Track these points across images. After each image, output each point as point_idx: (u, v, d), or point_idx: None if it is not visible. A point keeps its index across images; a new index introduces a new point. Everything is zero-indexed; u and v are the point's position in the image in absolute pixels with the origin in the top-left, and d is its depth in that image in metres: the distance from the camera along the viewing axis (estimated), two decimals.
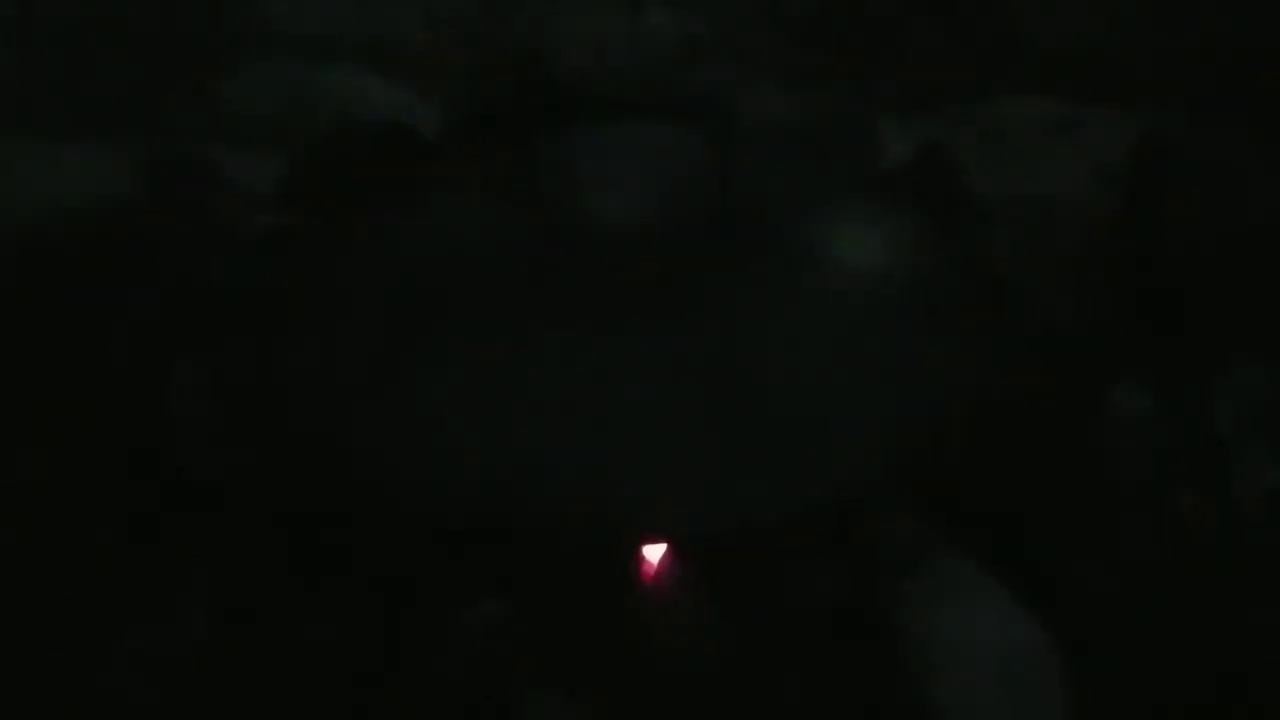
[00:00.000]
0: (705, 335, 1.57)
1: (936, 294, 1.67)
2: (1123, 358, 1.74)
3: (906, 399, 1.56)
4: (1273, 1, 2.42)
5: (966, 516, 1.56)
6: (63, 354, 1.68)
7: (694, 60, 2.42)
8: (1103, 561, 1.54)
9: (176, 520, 1.54)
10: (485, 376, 1.54)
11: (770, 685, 1.43)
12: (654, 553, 1.50)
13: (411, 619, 1.47)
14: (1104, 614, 1.49)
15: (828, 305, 1.63)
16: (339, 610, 1.47)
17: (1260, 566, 1.53)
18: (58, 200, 1.86)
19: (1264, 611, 1.49)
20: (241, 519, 1.54)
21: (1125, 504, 1.59)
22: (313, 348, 1.62)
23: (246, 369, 1.64)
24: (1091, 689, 1.42)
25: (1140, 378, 1.70)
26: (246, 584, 1.50)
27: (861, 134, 2.06)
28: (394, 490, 1.50)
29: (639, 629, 1.47)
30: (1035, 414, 1.65)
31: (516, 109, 2.04)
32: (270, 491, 1.55)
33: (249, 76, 2.31)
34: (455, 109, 2.10)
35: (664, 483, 1.47)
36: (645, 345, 1.55)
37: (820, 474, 1.50)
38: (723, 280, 1.62)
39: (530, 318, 1.58)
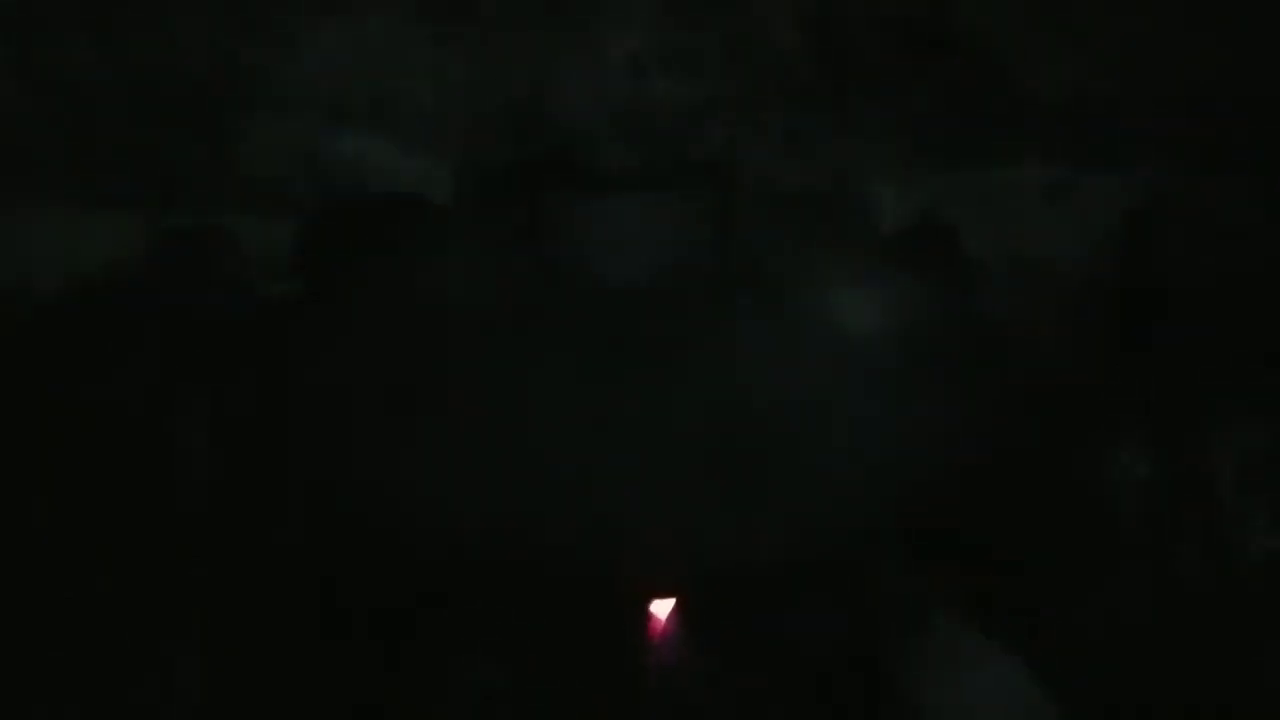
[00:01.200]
0: (707, 393, 1.59)
1: (935, 354, 1.69)
2: (1122, 416, 1.75)
3: (905, 456, 1.57)
4: (1268, 53, 2.45)
5: (965, 572, 1.57)
6: (74, 417, 1.70)
7: (696, 124, 2.45)
8: (1102, 618, 1.54)
9: (175, 572, 1.55)
10: (489, 433, 1.55)
11: None
12: (662, 609, 1.51)
13: (411, 678, 1.47)
14: (1103, 671, 1.50)
15: (828, 364, 1.65)
16: (338, 668, 1.47)
17: (1259, 626, 1.54)
18: (68, 266, 1.88)
19: (1263, 669, 1.50)
20: (246, 568, 1.54)
21: (1125, 562, 1.60)
22: (321, 405, 1.63)
23: (254, 427, 1.65)
24: None
25: (1140, 436, 1.72)
26: (244, 634, 1.50)
27: (861, 198, 2.09)
28: (395, 544, 1.51)
29: (643, 686, 1.48)
30: (1033, 472, 1.66)
31: (522, 173, 2.07)
32: (272, 545, 1.56)
33: (259, 140, 2.33)
34: (463, 173, 2.12)
35: (668, 535, 1.48)
36: (648, 403, 1.57)
37: (819, 529, 1.51)
38: (725, 339, 1.64)
39: (534, 378, 1.60)
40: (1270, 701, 1.47)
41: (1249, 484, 1.66)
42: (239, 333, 1.78)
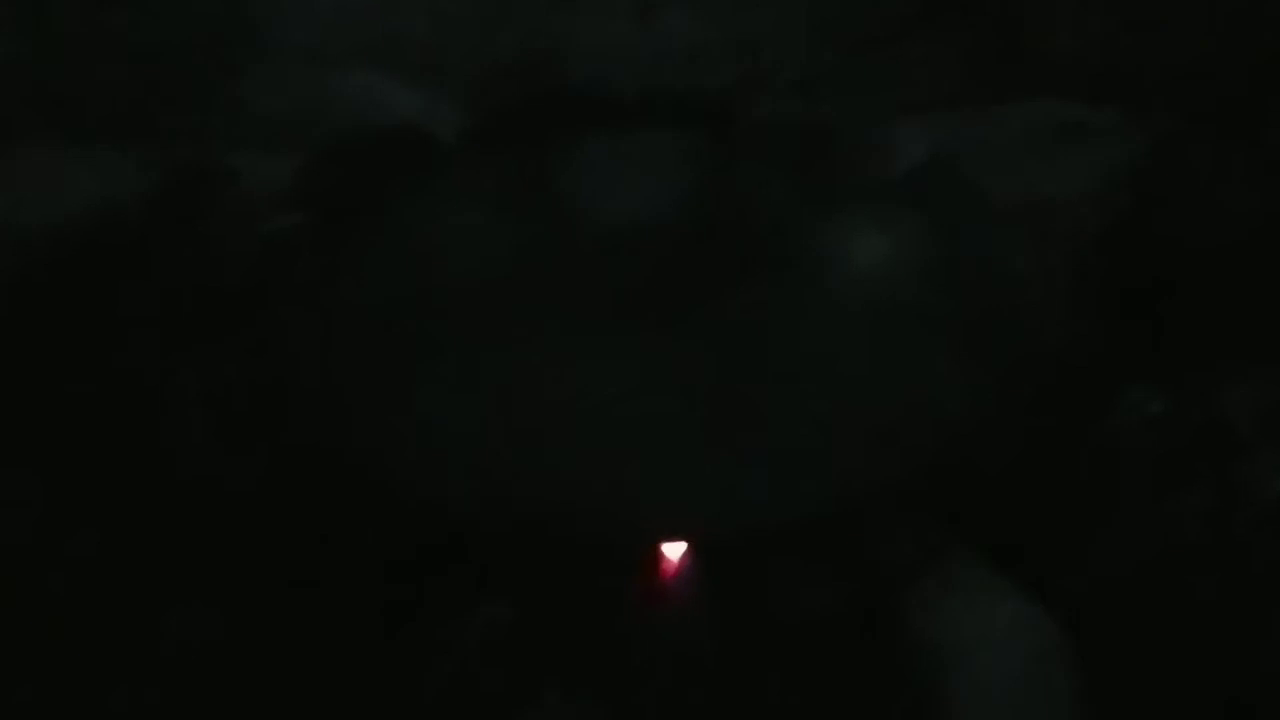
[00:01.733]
0: (712, 338, 1.58)
1: (944, 298, 1.68)
2: (1132, 360, 1.74)
3: (914, 402, 1.57)
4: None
5: (975, 518, 1.57)
6: (70, 356, 1.69)
7: (703, 65, 2.43)
8: (1112, 561, 1.54)
9: (176, 523, 1.55)
10: (493, 378, 1.55)
11: (780, 686, 1.44)
12: (673, 551, 1.50)
13: (416, 623, 1.47)
14: (1114, 613, 1.50)
15: (835, 310, 1.64)
16: (341, 614, 1.48)
17: (1270, 569, 1.53)
18: (69, 205, 1.87)
19: (1273, 613, 1.50)
20: (242, 521, 1.54)
21: (1134, 504, 1.59)
22: (320, 348, 1.63)
23: (253, 368, 1.65)
24: (1102, 687, 1.43)
25: (1150, 380, 1.71)
26: (244, 587, 1.51)
27: (870, 139, 2.07)
28: (399, 492, 1.51)
29: (648, 631, 1.48)
30: (1044, 416, 1.66)
31: (527, 113, 2.05)
32: (273, 493, 1.55)
33: (260, 79, 2.32)
34: (467, 113, 2.11)
35: (670, 485, 1.48)
36: (653, 347, 1.56)
37: (828, 477, 1.51)
38: (730, 284, 1.63)
39: (539, 320, 1.59)
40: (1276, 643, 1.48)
41: (1264, 427, 1.66)
42: (240, 269, 1.78)
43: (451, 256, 1.70)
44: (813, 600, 1.49)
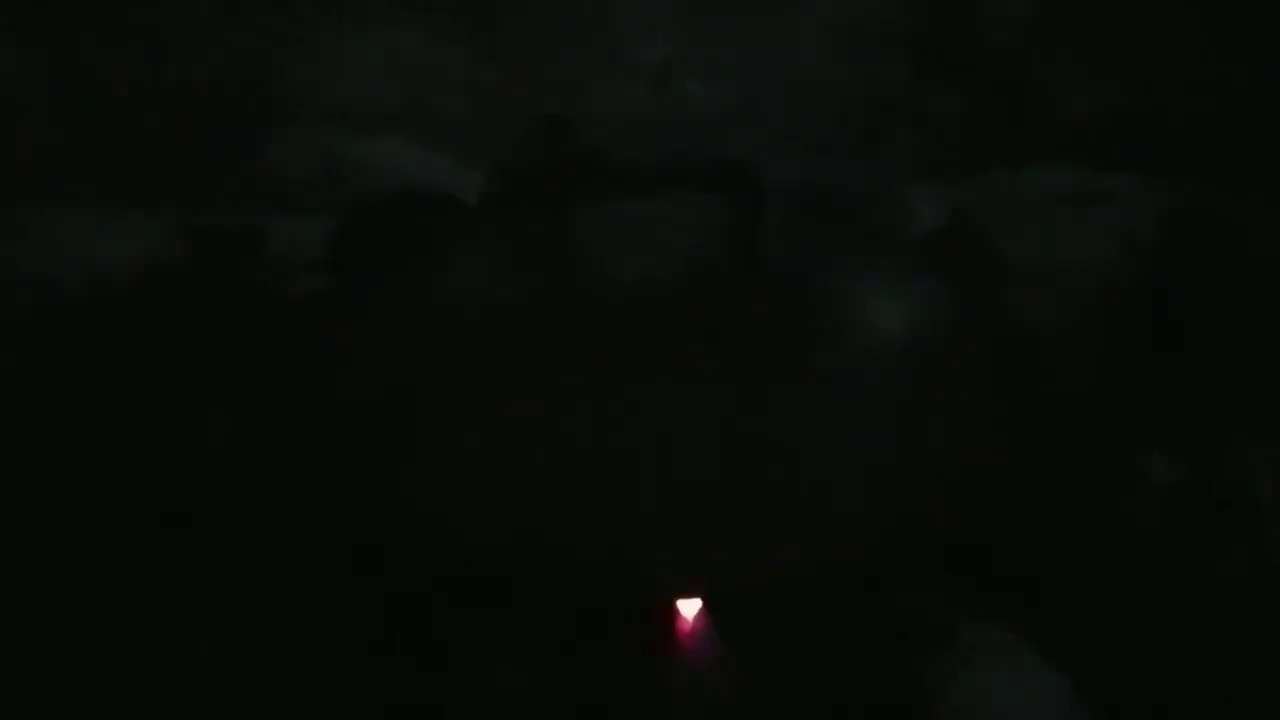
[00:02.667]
0: (734, 398, 1.59)
1: (963, 358, 1.68)
2: (1152, 423, 1.75)
3: (933, 461, 1.57)
4: None
5: (995, 580, 1.57)
6: (103, 413, 1.71)
7: (723, 130, 2.46)
8: (1134, 630, 1.54)
9: (202, 571, 1.56)
10: (516, 436, 1.56)
11: None
12: (689, 609, 1.50)
13: (444, 683, 1.47)
14: (1136, 683, 1.49)
15: (856, 369, 1.65)
16: (369, 674, 1.48)
17: None
18: (103, 266, 1.90)
19: None
20: (268, 568, 1.55)
21: (1156, 573, 1.59)
22: (348, 404, 1.64)
23: (283, 423, 1.66)
24: None
25: (1171, 445, 1.71)
26: (271, 642, 1.51)
27: (890, 202, 2.09)
28: (423, 548, 1.52)
29: (670, 688, 1.48)
30: (1062, 478, 1.66)
31: (550, 178, 2.08)
32: (301, 545, 1.56)
33: (288, 143, 2.36)
34: (491, 178, 2.14)
35: (692, 542, 1.48)
36: (675, 406, 1.57)
37: (846, 534, 1.51)
38: (752, 344, 1.64)
39: (560, 380, 1.60)
40: None
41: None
42: (267, 330, 1.80)
43: (472, 315, 1.72)
44: (832, 664, 1.49)
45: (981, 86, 2.59)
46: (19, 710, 1.43)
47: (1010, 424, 1.63)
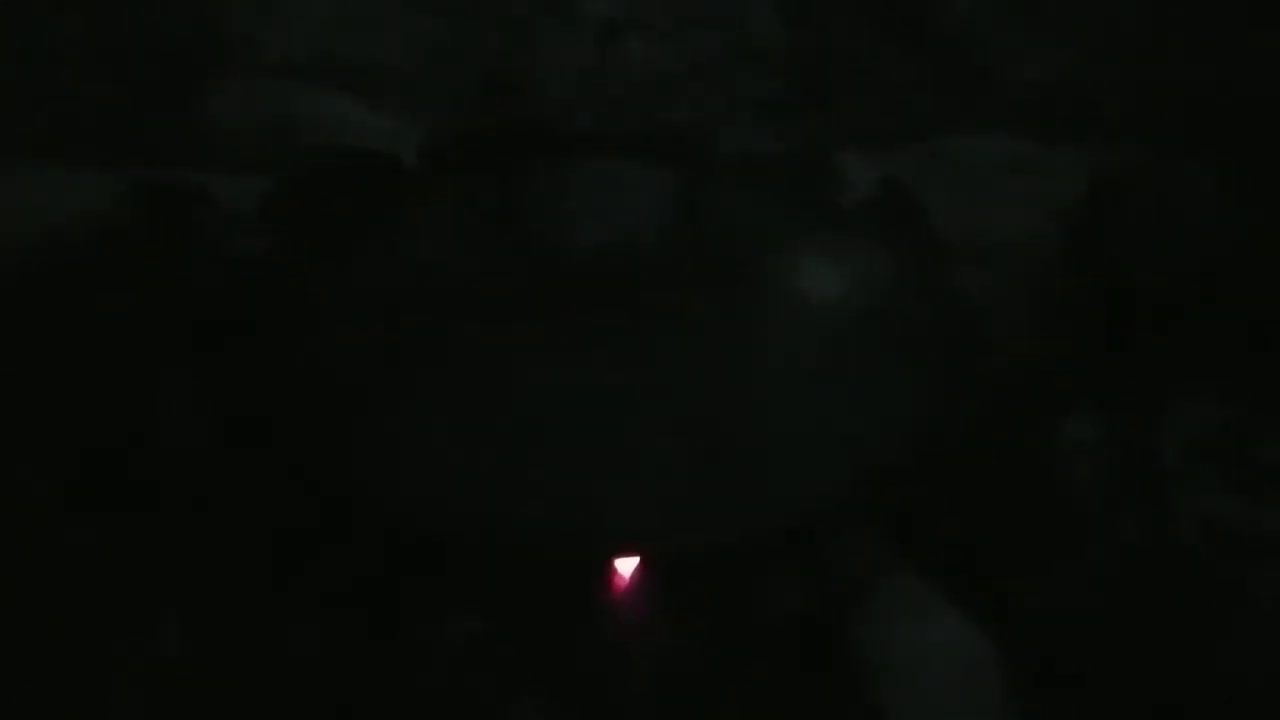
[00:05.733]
0: (675, 360, 1.61)
1: (897, 325, 1.72)
2: (1075, 389, 1.79)
3: (867, 425, 1.60)
4: (1237, 41, 2.49)
5: (921, 539, 1.61)
6: (47, 372, 1.70)
7: (668, 93, 2.47)
8: (1051, 583, 1.58)
9: (155, 530, 1.56)
10: (461, 397, 1.58)
11: (732, 697, 1.47)
12: (626, 566, 1.54)
13: (391, 635, 1.49)
14: (1052, 634, 1.54)
15: (793, 334, 1.68)
16: (318, 626, 1.50)
17: (1203, 591, 1.58)
18: (40, 223, 1.88)
19: (1202, 632, 1.55)
20: (219, 532, 1.56)
21: (1073, 529, 1.64)
22: (293, 366, 1.65)
23: (229, 385, 1.66)
24: (1039, 706, 1.47)
25: (1091, 408, 1.75)
26: (223, 597, 1.53)
27: (830, 168, 2.11)
28: (371, 507, 1.53)
29: (612, 641, 1.51)
30: (989, 442, 1.70)
31: (495, 139, 2.08)
32: (250, 506, 1.57)
33: (230, 98, 2.34)
34: (434, 137, 2.14)
35: (634, 500, 1.51)
36: (617, 368, 1.59)
37: (782, 495, 1.55)
38: (692, 307, 1.66)
39: (504, 340, 1.62)
40: (1215, 661, 1.52)
41: (1199, 454, 1.70)
42: (211, 289, 1.80)
43: (416, 278, 1.73)
44: (763, 612, 1.52)
45: (927, 53, 2.61)
46: None
47: (941, 388, 1.67)
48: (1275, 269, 1.89)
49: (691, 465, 1.53)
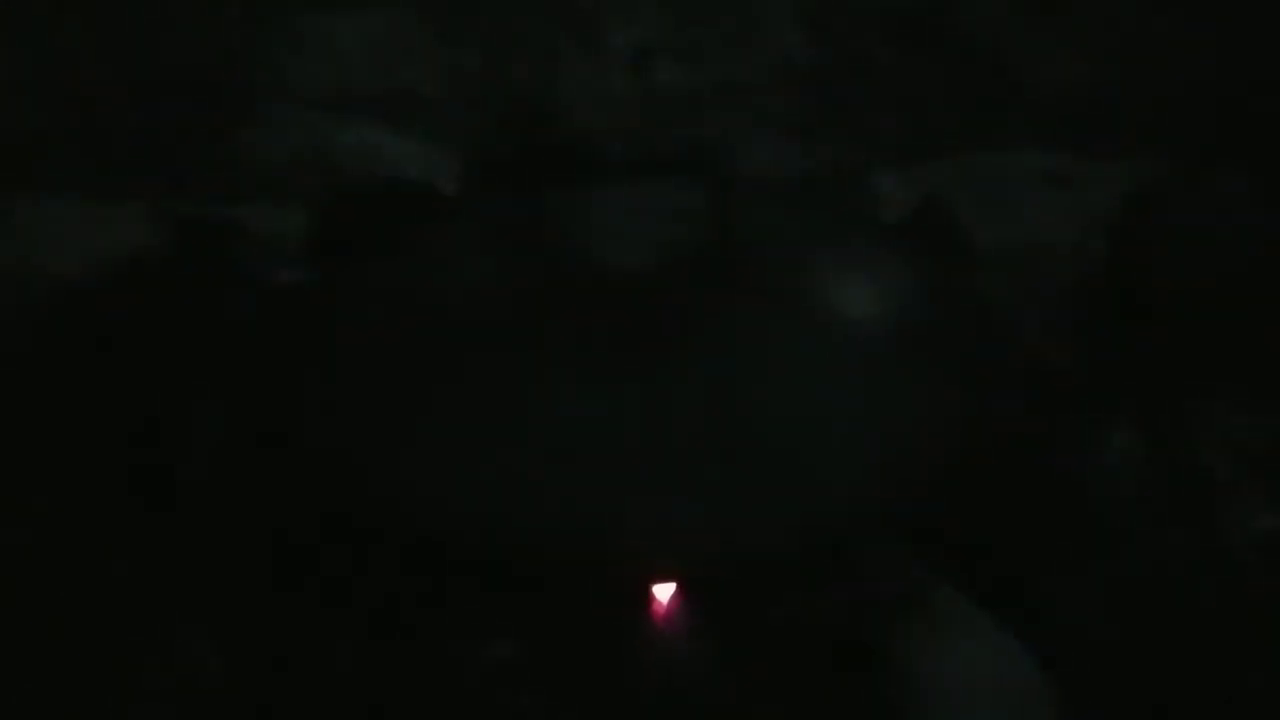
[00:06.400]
0: (709, 379, 1.61)
1: (934, 340, 1.71)
2: (1114, 400, 1.78)
3: (904, 442, 1.59)
4: (1266, 48, 2.47)
5: (960, 554, 1.60)
6: (87, 401, 1.72)
7: (697, 114, 2.47)
8: (1095, 600, 1.57)
9: (187, 555, 1.58)
10: (497, 419, 1.58)
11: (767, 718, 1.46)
12: (664, 593, 1.53)
13: (424, 660, 1.49)
14: (1097, 652, 1.52)
15: (826, 350, 1.67)
16: (349, 651, 1.50)
17: (1251, 608, 1.56)
18: (79, 256, 1.90)
19: (1255, 651, 1.52)
20: (253, 554, 1.57)
21: (1116, 544, 1.62)
22: (328, 391, 1.66)
23: (264, 410, 1.68)
24: None
25: (1131, 420, 1.74)
26: (254, 621, 1.53)
27: (861, 185, 2.11)
28: (404, 532, 1.53)
29: (648, 667, 1.50)
30: (1028, 455, 1.69)
31: (526, 165, 2.09)
32: (284, 530, 1.58)
33: (263, 130, 2.36)
34: (468, 165, 2.15)
35: (670, 519, 1.50)
36: (652, 389, 1.59)
37: (821, 512, 1.54)
38: (724, 325, 1.66)
39: (540, 363, 1.62)
40: (1263, 681, 1.50)
41: (1244, 468, 1.68)
42: (247, 320, 1.81)
43: (449, 302, 1.73)
44: (799, 634, 1.51)
45: (959, 68, 2.60)
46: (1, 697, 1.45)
47: (979, 402, 1.66)
48: None
49: (728, 484, 1.52)
